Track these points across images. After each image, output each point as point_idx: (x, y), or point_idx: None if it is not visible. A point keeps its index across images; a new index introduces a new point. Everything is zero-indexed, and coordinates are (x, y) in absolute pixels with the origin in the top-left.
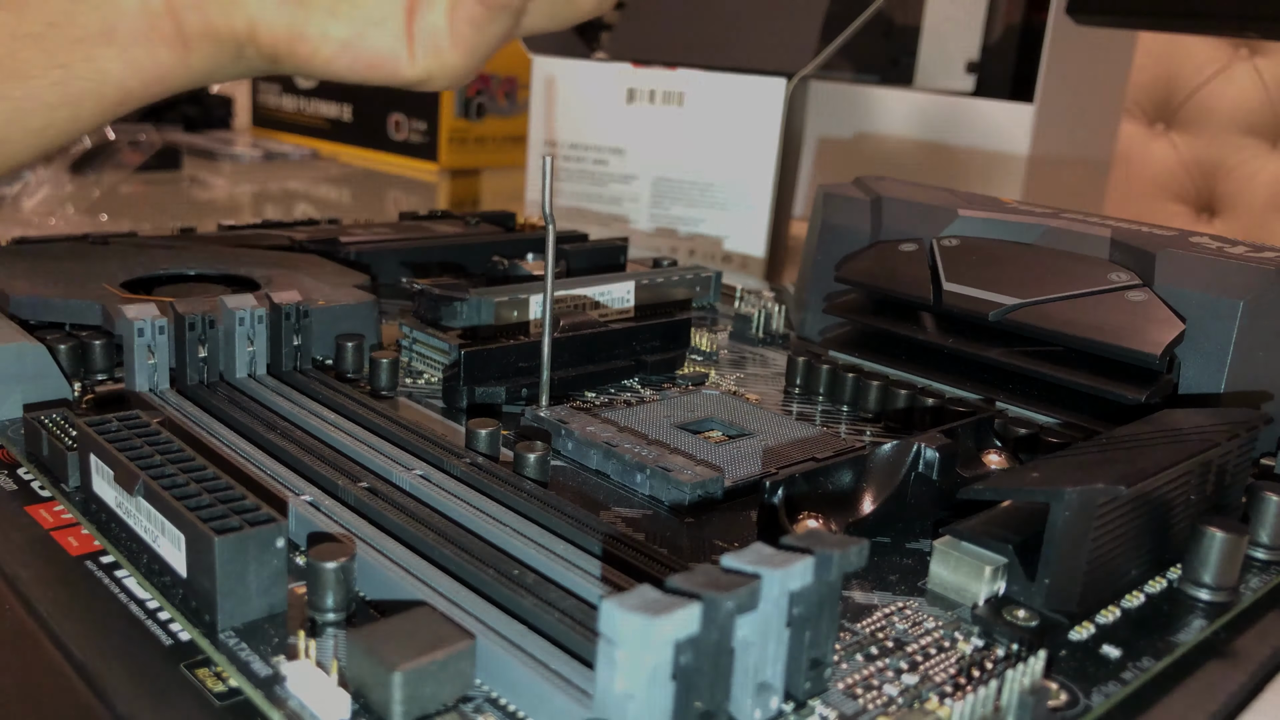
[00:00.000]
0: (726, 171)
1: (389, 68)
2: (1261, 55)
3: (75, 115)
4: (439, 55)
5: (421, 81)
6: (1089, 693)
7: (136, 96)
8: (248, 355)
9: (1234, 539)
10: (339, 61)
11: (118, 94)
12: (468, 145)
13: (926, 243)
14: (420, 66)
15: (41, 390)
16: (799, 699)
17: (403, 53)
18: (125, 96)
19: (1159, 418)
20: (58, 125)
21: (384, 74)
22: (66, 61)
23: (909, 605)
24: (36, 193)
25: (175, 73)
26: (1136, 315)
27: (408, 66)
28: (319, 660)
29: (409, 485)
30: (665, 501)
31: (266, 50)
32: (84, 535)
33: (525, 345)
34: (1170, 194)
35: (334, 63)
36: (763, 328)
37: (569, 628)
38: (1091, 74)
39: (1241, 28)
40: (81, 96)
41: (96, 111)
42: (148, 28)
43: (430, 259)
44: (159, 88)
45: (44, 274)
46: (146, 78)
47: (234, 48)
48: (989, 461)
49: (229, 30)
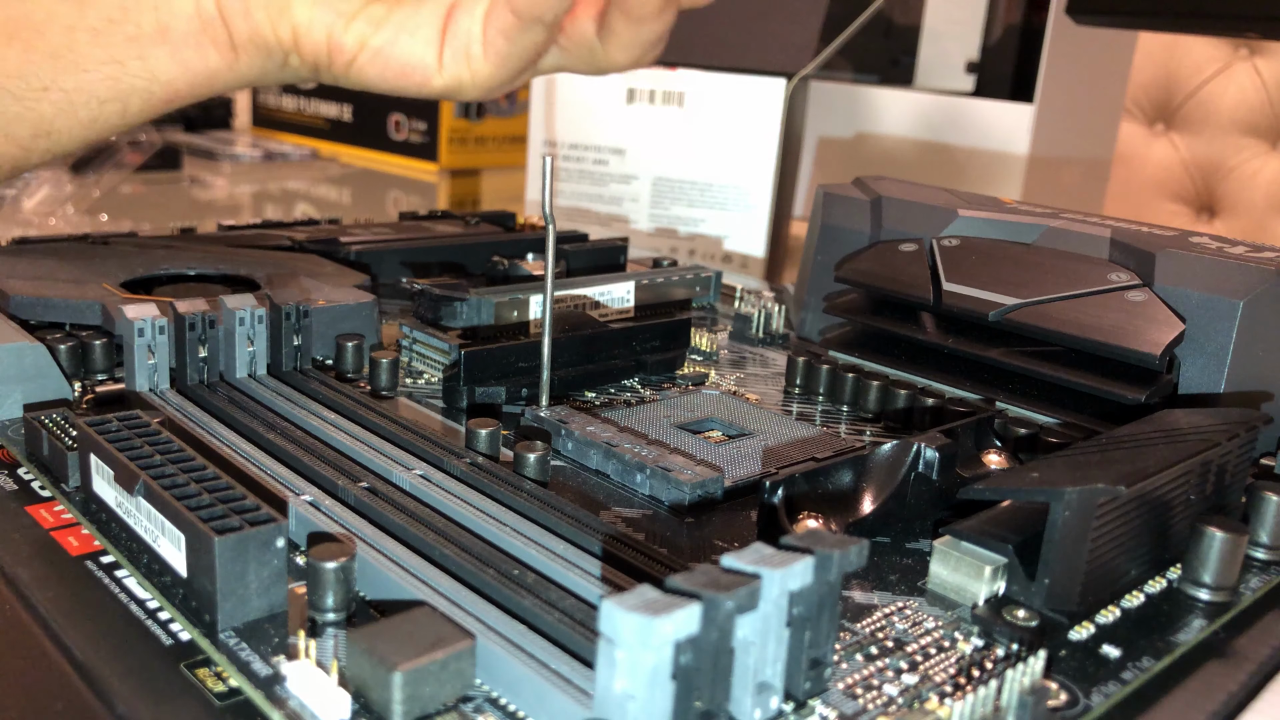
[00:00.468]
0: (726, 171)
1: (418, 76)
2: (1261, 55)
3: (123, 110)
4: (470, 64)
5: (451, 91)
6: (1089, 693)
7: (184, 96)
8: (248, 355)
9: (1234, 539)
10: (370, 69)
11: (165, 92)
12: (468, 145)
13: (926, 243)
14: (449, 75)
15: (41, 390)
16: (799, 699)
17: (432, 61)
18: (173, 95)
19: (1159, 418)
20: (105, 119)
21: (413, 82)
22: (121, 58)
23: (909, 605)
24: (36, 193)
25: (222, 76)
26: (1136, 315)
27: (437, 75)
28: (319, 660)
29: (409, 485)
30: (665, 501)
31: (309, 59)
32: (84, 535)
33: (525, 345)
34: (1170, 194)
35: (365, 70)
36: (763, 328)
37: (569, 628)
38: (1091, 74)
39: (1241, 28)
40: (131, 93)
41: (144, 108)
42: (200, 31)
43: (430, 259)
44: (205, 89)
45: (44, 274)
46: (194, 79)
47: (280, 55)
48: (989, 461)
49: (275, 39)
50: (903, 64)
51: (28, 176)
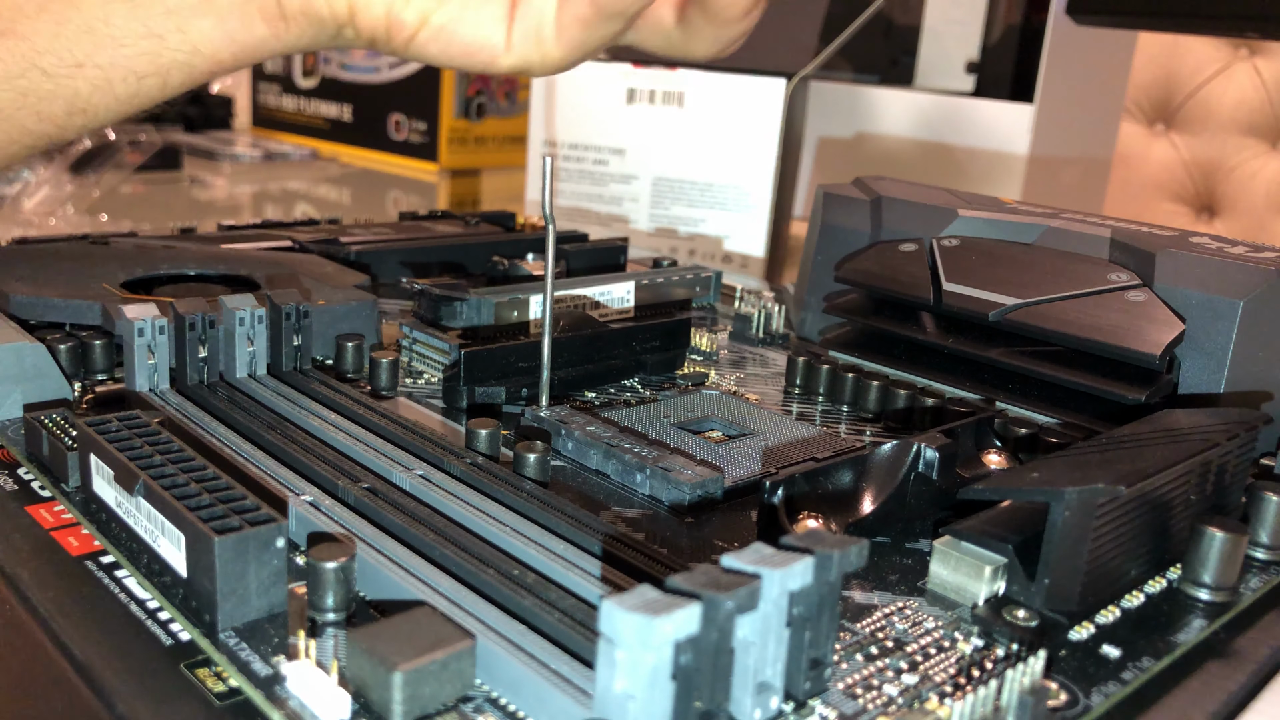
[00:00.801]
0: (726, 171)
1: (484, 55)
2: (1261, 55)
3: (163, 85)
4: (540, 46)
5: (518, 70)
6: (1089, 693)
7: (227, 66)
8: (248, 355)
9: (1234, 539)
10: (431, 47)
11: (208, 65)
12: (468, 145)
13: (926, 243)
14: (517, 54)
15: (41, 390)
16: (799, 699)
17: (500, 39)
18: (215, 67)
19: (1159, 418)
20: (145, 94)
21: (479, 61)
22: (160, 31)
23: (909, 605)
24: (36, 193)
25: (267, 45)
26: (1136, 315)
27: (504, 55)
28: (319, 660)
29: (409, 485)
30: (665, 501)
31: (365, 34)
32: (84, 535)
33: (525, 345)
34: (1170, 194)
35: (427, 47)
36: (763, 328)
37: (569, 628)
38: (1091, 74)
39: (1241, 28)
40: (171, 66)
41: (185, 81)
42: (246, 1)
43: (430, 259)
44: (250, 59)
45: (44, 274)
46: (238, 50)
47: (333, 28)
48: (989, 461)
49: (330, 11)
50: (903, 64)
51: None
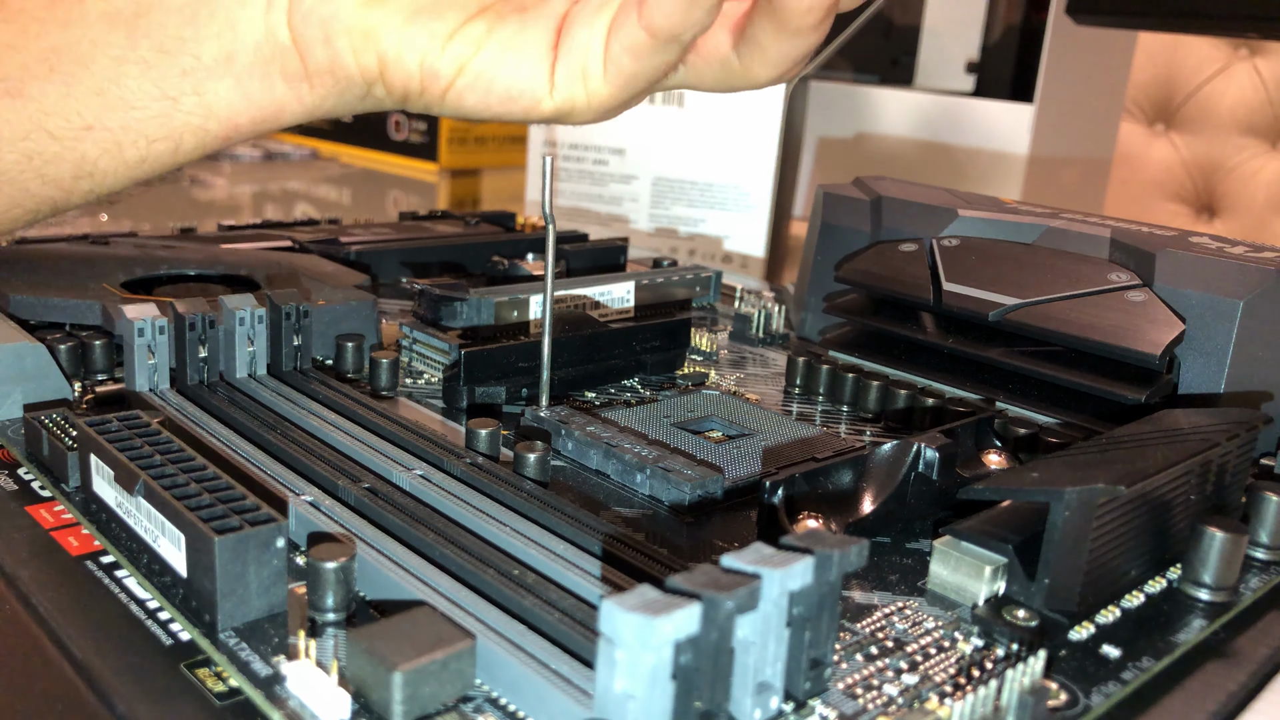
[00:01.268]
0: (726, 171)
1: (526, 100)
2: (1261, 55)
3: (175, 149)
4: (587, 84)
5: (562, 115)
6: (1089, 693)
7: (244, 131)
8: (248, 355)
9: (1234, 539)
10: (469, 97)
11: (223, 129)
12: (468, 145)
13: (926, 243)
14: (562, 98)
15: (41, 390)
16: (799, 699)
17: (543, 83)
18: (231, 132)
19: (1159, 418)
20: (155, 158)
21: (520, 108)
22: (174, 93)
23: (909, 605)
24: None
25: (289, 109)
26: (1136, 315)
27: (547, 98)
28: (319, 660)
29: (409, 485)
30: (665, 501)
31: (398, 90)
32: (84, 535)
33: (525, 345)
34: (1170, 194)
35: (464, 98)
36: (763, 328)
37: (569, 628)
38: (1091, 74)
39: (1241, 28)
40: (185, 130)
41: (199, 146)
42: (268, 61)
43: (430, 259)
44: (267, 126)
45: (44, 274)
46: (258, 114)
47: (362, 87)
48: (989, 461)
49: (358, 69)
50: (903, 64)
51: None
